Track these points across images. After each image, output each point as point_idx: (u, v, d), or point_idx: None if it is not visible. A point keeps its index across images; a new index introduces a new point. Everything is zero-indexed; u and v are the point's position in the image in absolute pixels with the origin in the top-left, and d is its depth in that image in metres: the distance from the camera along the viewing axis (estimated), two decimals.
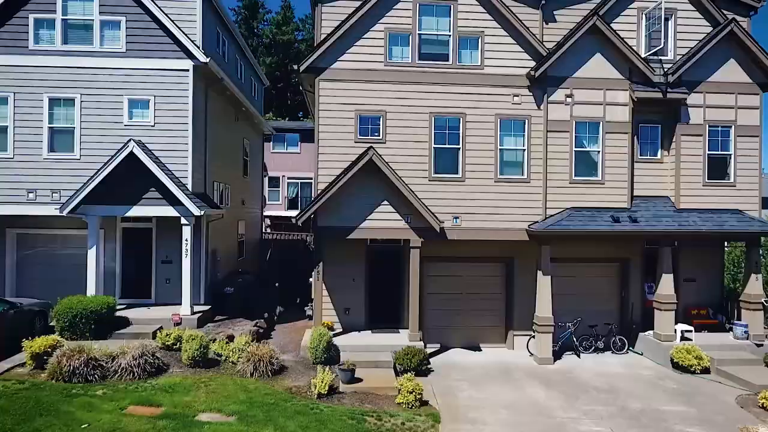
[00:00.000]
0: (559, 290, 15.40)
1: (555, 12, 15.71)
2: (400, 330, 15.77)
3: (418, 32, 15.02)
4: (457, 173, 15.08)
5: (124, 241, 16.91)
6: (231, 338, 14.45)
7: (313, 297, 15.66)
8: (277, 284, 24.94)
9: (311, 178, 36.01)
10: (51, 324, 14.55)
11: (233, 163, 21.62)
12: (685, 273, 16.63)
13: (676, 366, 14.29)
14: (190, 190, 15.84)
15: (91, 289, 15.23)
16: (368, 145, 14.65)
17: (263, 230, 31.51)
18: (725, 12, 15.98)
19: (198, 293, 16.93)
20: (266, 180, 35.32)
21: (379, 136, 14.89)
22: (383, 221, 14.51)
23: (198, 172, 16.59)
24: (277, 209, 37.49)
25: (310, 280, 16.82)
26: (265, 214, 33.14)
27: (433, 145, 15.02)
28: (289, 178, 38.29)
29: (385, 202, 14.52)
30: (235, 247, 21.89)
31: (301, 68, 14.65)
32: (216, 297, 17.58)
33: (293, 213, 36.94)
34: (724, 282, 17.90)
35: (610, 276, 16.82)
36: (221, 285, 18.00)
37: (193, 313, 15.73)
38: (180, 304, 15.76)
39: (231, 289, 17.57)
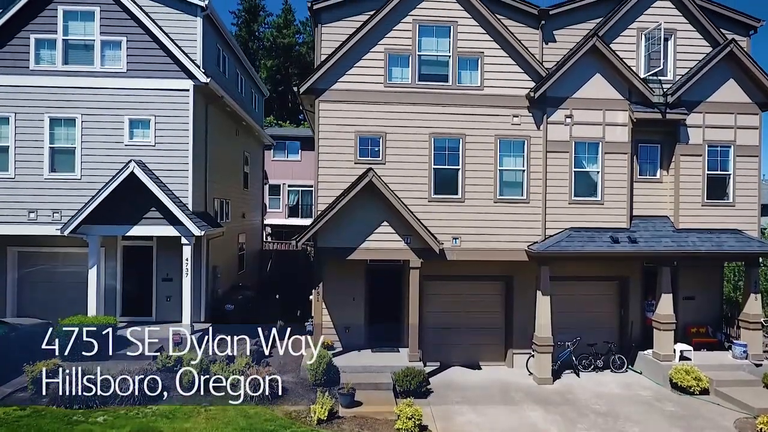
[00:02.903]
0: (558, 308, 15.43)
1: (555, 32, 15.73)
2: (399, 349, 15.80)
3: (417, 53, 15.06)
4: (456, 194, 15.11)
5: (125, 259, 16.96)
6: (231, 359, 14.49)
7: (313, 314, 15.71)
8: (277, 296, 25.02)
9: (312, 186, 35.96)
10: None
11: (233, 177, 21.67)
12: (685, 291, 16.67)
13: (675, 386, 14.32)
14: (191, 209, 15.89)
15: (91, 309, 15.28)
16: (368, 166, 14.71)
17: (264, 239, 31.56)
18: (725, 31, 16.01)
19: (199, 311, 17.00)
20: (267, 188, 35.38)
21: (378, 157, 14.93)
22: (383, 242, 14.55)
23: (198, 190, 16.64)
24: (278, 217, 37.58)
25: (311, 297, 16.87)
26: (265, 222, 33.20)
27: (433, 166, 15.06)
28: (289, 186, 38.35)
29: (385, 223, 14.55)
30: (235, 261, 21.95)
31: (301, 90, 14.69)
32: (216, 314, 17.64)
33: (294, 221, 37.49)
34: (724, 290, 17.90)
35: (610, 294, 16.85)
36: (222, 301, 18.06)
37: (194, 332, 15.75)
38: (181, 321, 15.82)
39: (231, 307, 17.63)
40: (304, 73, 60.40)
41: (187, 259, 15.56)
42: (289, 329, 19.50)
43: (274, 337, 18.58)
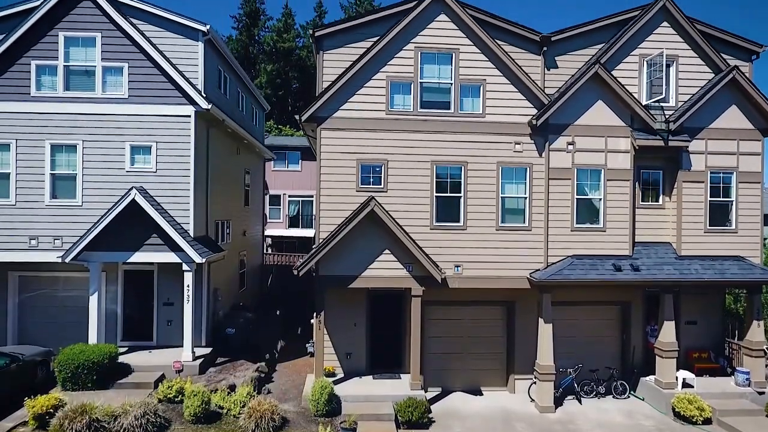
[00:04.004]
0: (560, 333, 15.42)
1: (556, 57, 15.71)
2: (401, 375, 15.80)
3: (419, 80, 15.03)
4: (458, 221, 15.08)
5: (126, 284, 16.92)
6: (233, 388, 14.47)
7: (314, 339, 15.68)
8: (278, 312, 25.00)
9: (312, 196, 36.09)
10: (53, 371, 14.56)
11: (234, 196, 21.64)
12: (687, 316, 16.66)
13: (677, 416, 14.29)
14: (192, 235, 15.86)
15: (92, 337, 15.25)
16: (370, 194, 14.68)
17: (264, 251, 31.50)
18: (727, 56, 15.99)
19: (200, 335, 16.96)
20: (267, 198, 35.37)
21: (380, 185, 14.90)
22: (385, 270, 14.52)
23: (199, 214, 16.61)
24: (279, 227, 37.54)
25: (312, 321, 16.85)
26: (266, 233, 33.16)
27: (435, 194, 15.02)
28: (290, 196, 38.32)
29: (387, 251, 14.53)
30: (236, 279, 21.92)
31: (303, 118, 14.66)
32: (217, 337, 17.62)
33: (294, 231, 37.46)
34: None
35: (612, 319, 16.81)
36: (223, 324, 18.02)
37: (195, 359, 15.74)
38: (182, 345, 15.80)
39: (232, 330, 17.60)
40: (304, 77, 60.38)
41: (188, 286, 15.53)
42: (290, 348, 19.79)
43: (275, 356, 18.77)
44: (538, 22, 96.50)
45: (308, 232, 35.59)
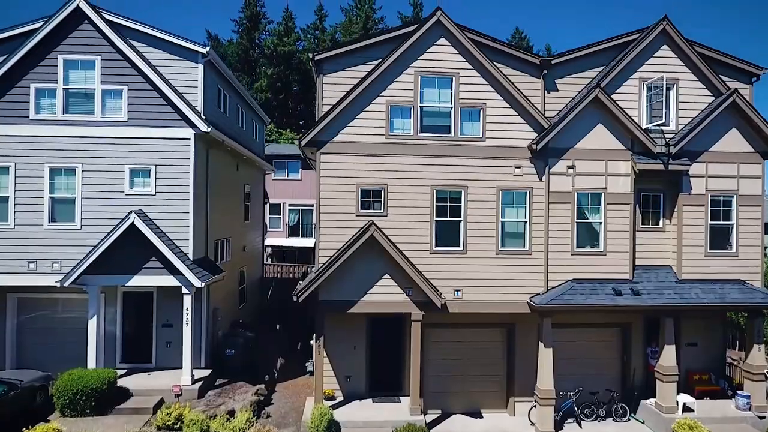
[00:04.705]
0: (560, 355, 15.36)
1: (557, 80, 15.69)
2: (401, 398, 15.75)
3: (419, 104, 15.00)
4: (458, 246, 15.05)
5: (125, 305, 16.89)
6: (232, 413, 14.44)
7: (314, 362, 15.65)
8: (278, 326, 24.97)
9: (312, 205, 36.07)
10: (51, 395, 14.50)
11: (234, 213, 21.61)
12: (687, 337, 16.62)
13: None
14: (191, 258, 15.83)
15: (91, 361, 15.22)
16: (369, 218, 14.65)
17: (264, 261, 31.45)
18: (727, 79, 15.97)
19: (199, 356, 16.94)
20: (267, 207, 35.31)
21: (380, 209, 14.87)
22: (384, 294, 14.49)
23: (199, 236, 16.57)
24: (279, 236, 37.53)
25: (311, 342, 16.84)
26: (266, 243, 33.12)
27: (435, 218, 14.99)
28: (290, 205, 38.34)
29: (387, 276, 14.50)
30: (236, 296, 21.89)
31: (303, 143, 14.63)
32: (217, 358, 17.59)
33: (294, 241, 37.44)
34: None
35: (612, 340, 16.75)
36: (222, 344, 17.98)
37: (194, 382, 15.71)
38: (181, 367, 15.76)
39: (231, 352, 17.56)
40: (305, 80, 60.39)
41: (187, 309, 15.50)
42: (290, 366, 19.75)
43: (275, 375, 18.73)
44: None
45: (308, 242, 35.55)
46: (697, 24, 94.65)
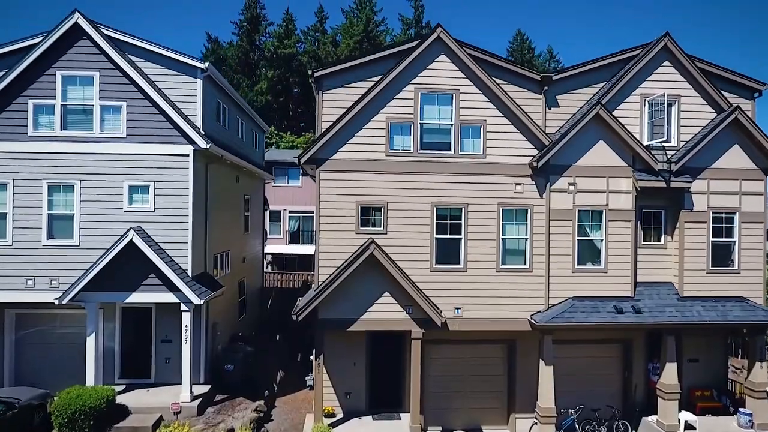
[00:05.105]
0: (561, 371, 15.29)
1: (558, 96, 15.61)
2: (401, 415, 15.69)
3: (419, 121, 14.91)
4: (458, 263, 14.97)
5: (124, 321, 16.81)
6: (231, 431, 14.39)
7: (314, 379, 15.58)
8: (278, 337, 24.90)
9: (312, 212, 35.97)
10: (50, 413, 14.43)
11: (234, 225, 21.53)
12: (689, 353, 16.53)
13: None
14: (190, 274, 15.77)
15: (90, 378, 15.16)
16: (369, 236, 14.59)
17: (264, 268, 31.35)
18: (729, 94, 15.89)
19: (198, 372, 16.88)
20: (267, 214, 35.23)
21: (380, 227, 14.79)
22: (384, 312, 14.42)
23: (198, 252, 16.50)
24: (279, 243, 37.43)
25: (311, 358, 16.77)
26: (266, 251, 33.03)
27: (435, 236, 14.91)
28: (290, 212, 38.22)
29: (387, 294, 14.43)
30: (235, 308, 21.82)
31: (302, 160, 14.56)
32: (216, 373, 17.51)
33: (295, 248, 37.36)
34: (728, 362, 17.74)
35: (613, 356, 16.67)
36: (222, 359, 17.90)
37: (193, 399, 15.63)
38: (180, 383, 15.69)
39: (231, 367, 17.48)
40: (305, 82, 60.23)
41: (186, 326, 15.44)
42: (290, 379, 19.68)
43: (274, 390, 18.66)
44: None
45: (309, 249, 35.44)
46: (698, 37, 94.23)
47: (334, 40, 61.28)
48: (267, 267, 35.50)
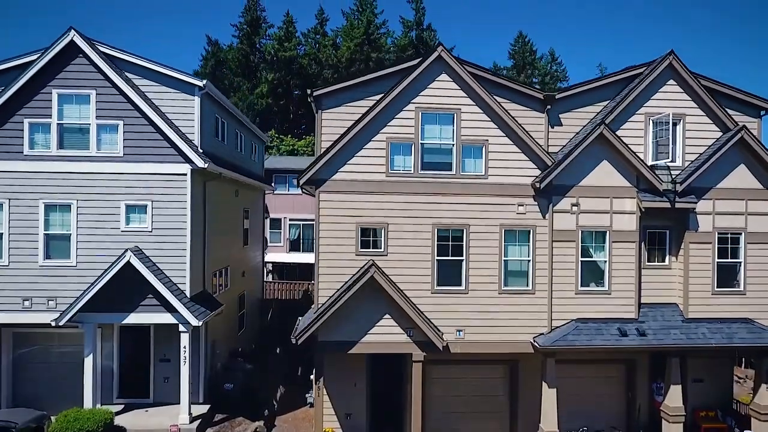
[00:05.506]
0: (564, 391, 15.04)
1: (561, 115, 15.40)
2: None
3: (420, 141, 14.70)
4: (460, 285, 14.77)
5: (122, 340, 16.65)
6: None
7: (314, 402, 15.46)
8: (278, 350, 24.72)
9: (313, 220, 35.76)
10: None
11: (233, 240, 21.35)
12: (693, 373, 16.35)
13: None
14: (188, 295, 15.59)
15: (87, 400, 15.00)
16: (369, 257, 14.40)
17: (264, 277, 31.15)
18: (735, 113, 15.66)
19: (197, 392, 16.71)
20: (267, 222, 35.01)
21: (380, 248, 14.59)
22: (385, 335, 14.26)
23: (196, 270, 16.31)
24: (279, 251, 37.20)
25: (311, 377, 16.61)
26: (266, 260, 32.81)
27: (436, 257, 14.71)
28: (290, 220, 38.00)
29: (387, 316, 14.27)
30: (235, 323, 21.65)
31: (301, 181, 14.38)
32: (215, 391, 17.34)
33: (295, 256, 37.16)
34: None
35: (617, 376, 16.50)
36: (221, 378, 17.75)
37: (192, 420, 15.45)
38: (179, 402, 15.51)
39: (230, 386, 17.32)
40: (306, 85, 59.98)
41: (184, 347, 15.27)
42: (290, 396, 19.50)
43: (274, 408, 18.50)
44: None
45: (309, 258, 35.06)
46: (703, 55, 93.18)
47: (334, 43, 60.99)
48: (267, 276, 35.29)
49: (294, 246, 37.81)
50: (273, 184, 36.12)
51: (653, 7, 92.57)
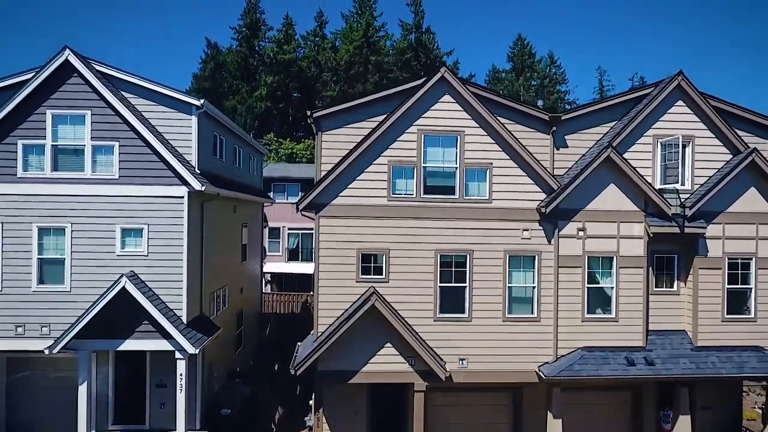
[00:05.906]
0: (569, 418, 14.68)
1: (566, 137, 15.05)
2: None
3: (423, 164, 14.36)
4: (463, 313, 14.43)
5: (117, 366, 16.22)
6: None
7: (313, 429, 15.12)
8: (276, 366, 24.37)
9: (312, 229, 35.41)
10: None
11: (231, 257, 20.97)
12: (702, 400, 15.95)
13: None
14: (185, 321, 15.22)
15: (82, 428, 14.62)
16: (370, 284, 14.07)
17: (263, 288, 30.79)
18: (744, 134, 15.32)
19: (194, 418, 16.26)
20: (266, 231, 34.64)
21: (381, 275, 14.24)
22: (386, 364, 13.96)
23: (193, 294, 15.93)
24: (278, 261, 36.84)
25: (310, 401, 16.27)
26: (265, 270, 32.45)
27: (439, 284, 14.37)
28: (289, 229, 37.63)
29: (388, 345, 13.96)
30: (232, 342, 21.27)
31: (301, 206, 14.04)
32: (212, 417, 16.94)
33: (294, 266, 36.78)
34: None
35: (623, 403, 16.12)
36: (218, 402, 17.37)
37: None
38: (175, 429, 15.16)
39: (228, 411, 16.94)
40: (305, 87, 59.67)
41: (181, 375, 14.91)
42: (289, 417, 19.16)
43: None
44: None
45: (308, 268, 34.79)
46: (711, 77, 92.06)
47: (333, 45, 60.70)
48: (266, 286, 34.93)
49: (293, 255, 37.46)
50: (271, 193, 35.76)
51: (653, 8, 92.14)
